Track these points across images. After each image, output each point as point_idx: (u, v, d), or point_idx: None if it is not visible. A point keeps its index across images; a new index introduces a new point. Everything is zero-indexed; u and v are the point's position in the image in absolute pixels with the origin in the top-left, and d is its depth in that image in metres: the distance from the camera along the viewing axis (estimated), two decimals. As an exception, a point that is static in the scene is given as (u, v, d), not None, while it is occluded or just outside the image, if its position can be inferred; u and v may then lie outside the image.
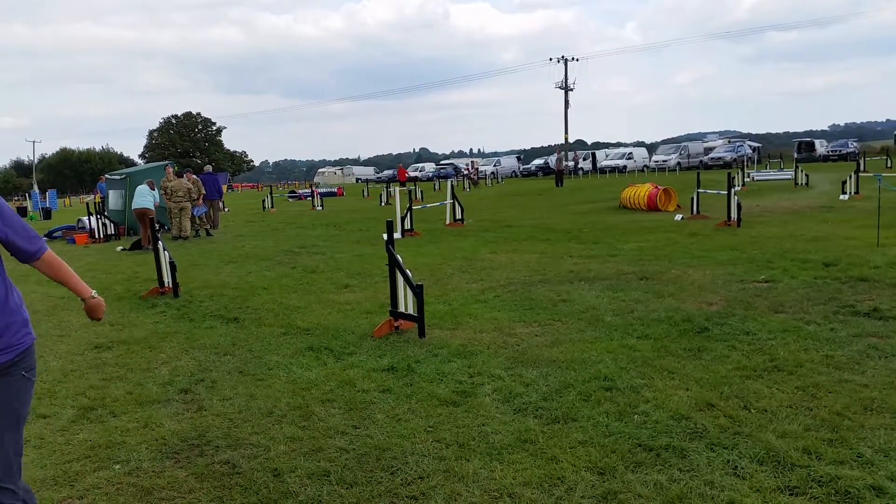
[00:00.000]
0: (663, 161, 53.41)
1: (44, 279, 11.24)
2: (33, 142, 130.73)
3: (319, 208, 27.72)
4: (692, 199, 15.90)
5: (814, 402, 4.23)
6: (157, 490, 3.61)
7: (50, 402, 5.10)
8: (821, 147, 54.61)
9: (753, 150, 52.40)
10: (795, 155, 49.56)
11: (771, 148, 67.87)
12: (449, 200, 17.29)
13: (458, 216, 17.07)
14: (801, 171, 25.79)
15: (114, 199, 19.80)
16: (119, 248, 15.02)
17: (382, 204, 28.18)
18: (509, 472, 3.55)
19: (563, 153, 49.37)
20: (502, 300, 7.65)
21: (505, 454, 3.76)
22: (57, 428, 4.57)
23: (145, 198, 15.41)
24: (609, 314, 6.71)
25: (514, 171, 64.20)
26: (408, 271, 6.36)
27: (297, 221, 21.56)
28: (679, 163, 52.62)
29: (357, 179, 73.09)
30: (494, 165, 64.39)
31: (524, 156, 77.75)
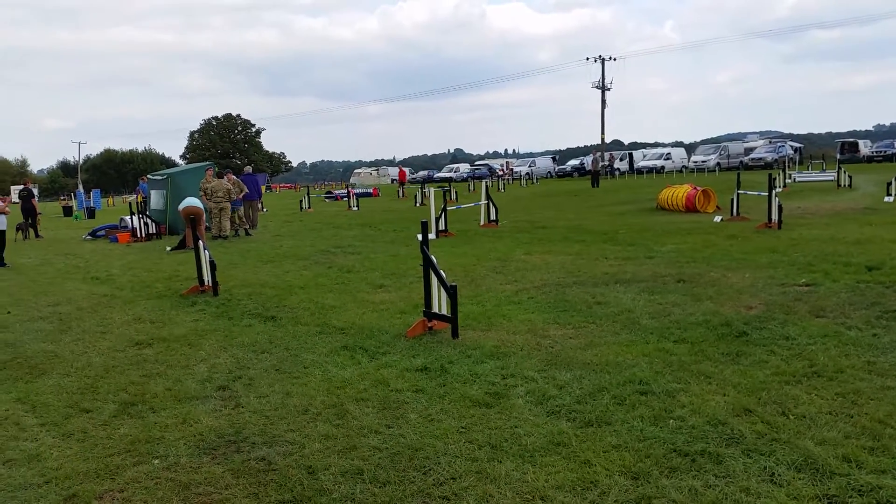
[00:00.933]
0: (702, 161, 52.67)
1: (88, 277, 11.57)
2: (79, 143, 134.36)
3: (355, 209, 27.93)
4: (732, 200, 15.64)
5: (854, 409, 4.13)
6: (194, 485, 3.68)
7: (92, 397, 5.24)
8: (865, 147, 53.24)
9: (795, 150, 51.39)
10: (838, 156, 48.38)
11: (813, 148, 66.43)
12: (483, 201, 17.28)
13: (493, 217, 17.05)
14: (844, 172, 25.17)
15: (155, 199, 20.21)
16: (168, 249, 15.28)
17: (417, 205, 28.28)
18: (542, 474, 3.54)
19: (599, 154, 48.93)
20: (536, 302, 7.62)
21: (538, 457, 3.75)
22: (99, 422, 4.69)
23: (194, 199, 15.61)
24: (645, 317, 6.64)
25: (549, 172, 63.87)
26: (442, 272, 6.39)
27: (334, 222, 21.76)
28: (718, 163, 51.83)
29: (392, 180, 73.39)
30: (529, 166, 64.17)
31: (559, 156, 77.33)
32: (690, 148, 65.89)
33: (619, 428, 4.05)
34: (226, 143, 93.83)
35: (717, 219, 15.21)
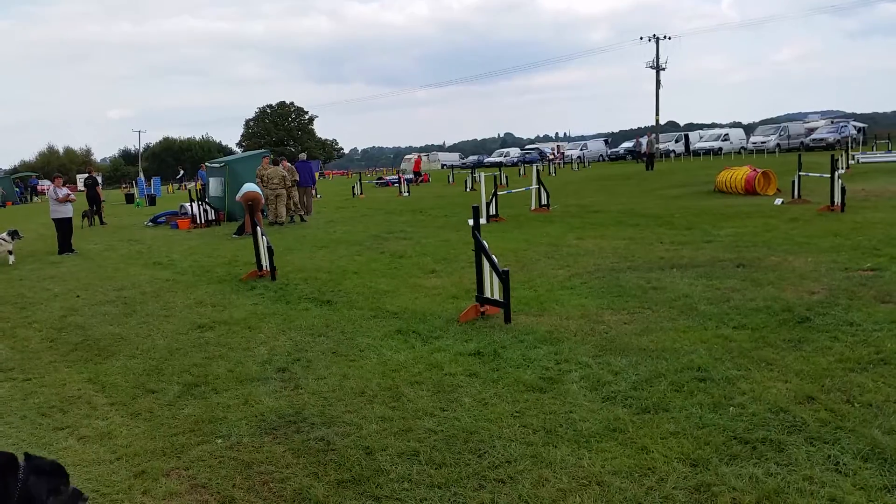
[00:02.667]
0: (762, 142, 51.00)
1: (150, 262, 11.95)
2: (139, 132, 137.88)
3: (406, 194, 28.07)
4: (793, 182, 15.18)
5: (926, 398, 3.99)
6: (256, 464, 3.79)
7: (158, 378, 5.43)
8: (937, 126, 50.76)
9: (859, 130, 49.34)
10: (907, 135, 46.28)
11: (878, 128, 63.55)
12: (534, 186, 17.15)
13: (544, 201, 16.91)
14: (914, 152, 24.09)
15: (214, 186, 20.67)
16: (234, 235, 15.65)
17: (467, 189, 28.25)
18: (598, 459, 3.53)
19: (654, 136, 47.91)
20: (589, 287, 7.56)
21: (593, 442, 3.74)
22: (164, 402, 4.87)
23: (252, 185, 15.84)
24: (703, 303, 6.52)
25: (601, 155, 62.94)
26: (494, 257, 6.39)
27: (385, 207, 21.92)
28: (778, 144, 50.16)
29: (442, 165, 73.34)
30: (581, 149, 63.31)
31: (612, 139, 76.05)
32: (749, 128, 63.93)
33: (677, 415, 4.00)
34: (280, 131, 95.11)
35: (778, 201, 14.79)
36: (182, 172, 54.76)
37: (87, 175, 24.92)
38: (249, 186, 15.19)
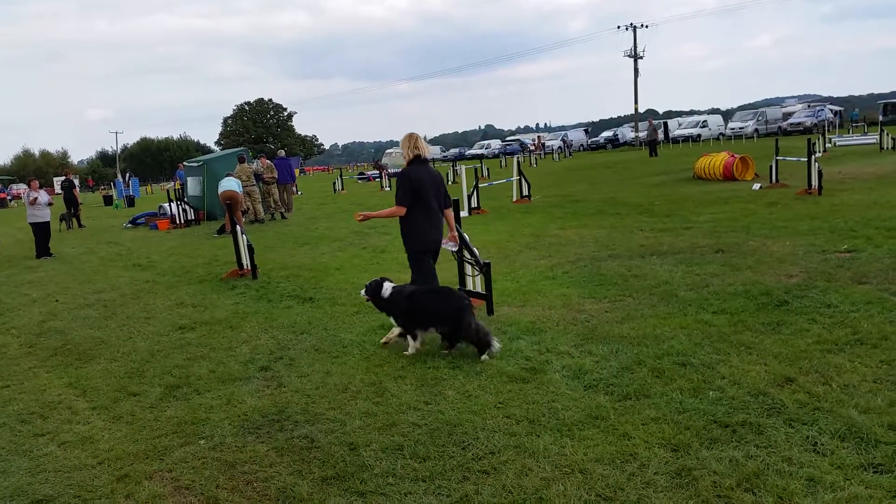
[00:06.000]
0: (740, 128, 51.34)
1: (130, 264, 11.84)
2: (116, 132, 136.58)
3: (387, 189, 28.00)
4: (770, 167, 15.30)
5: (901, 376, 4.05)
6: (240, 464, 3.78)
7: (139, 380, 5.39)
8: (910, 107, 51.27)
9: (835, 114, 49.85)
10: (881, 117, 46.73)
11: (854, 111, 64.27)
12: (515, 177, 17.17)
13: (525, 192, 16.94)
14: (887, 134, 24.36)
15: (192, 186, 20.49)
16: (216, 234, 15.53)
17: (449, 182, 28.22)
18: (580, 448, 3.56)
19: (655, 121, 47.79)
20: (571, 276, 7.59)
21: (575, 430, 3.76)
22: (146, 405, 4.84)
23: (231, 182, 15.70)
24: (683, 289, 6.57)
25: (581, 145, 63.09)
26: (475, 249, 6.39)
27: (367, 203, 21.84)
28: (756, 129, 50.52)
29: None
30: (562, 139, 63.41)
31: (592, 128, 76.29)
32: (727, 115, 64.34)
33: (658, 400, 4.03)
34: (259, 128, 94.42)
35: (756, 186, 14.91)
36: (129, 174, 53.91)
37: (63, 178, 24.57)
38: (227, 185, 15.06)
